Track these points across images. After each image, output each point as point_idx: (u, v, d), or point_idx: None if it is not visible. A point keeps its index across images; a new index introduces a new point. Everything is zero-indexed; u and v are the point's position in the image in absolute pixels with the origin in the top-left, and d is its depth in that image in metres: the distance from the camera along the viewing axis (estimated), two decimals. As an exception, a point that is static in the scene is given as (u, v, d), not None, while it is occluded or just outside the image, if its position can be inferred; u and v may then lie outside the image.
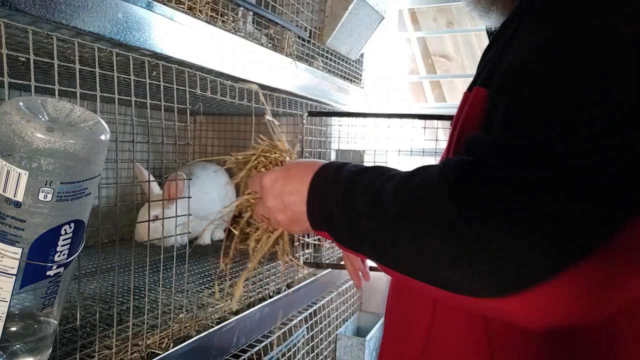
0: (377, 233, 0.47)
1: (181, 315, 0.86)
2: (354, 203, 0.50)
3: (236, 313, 0.99)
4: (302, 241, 1.30)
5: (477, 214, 0.38)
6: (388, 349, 0.64)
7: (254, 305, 1.04)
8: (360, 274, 0.83)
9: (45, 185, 0.49)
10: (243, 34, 0.97)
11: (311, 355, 1.34)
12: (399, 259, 0.46)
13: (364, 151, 1.51)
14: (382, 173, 0.50)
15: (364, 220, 0.48)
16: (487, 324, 0.51)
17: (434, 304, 0.57)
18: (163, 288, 0.94)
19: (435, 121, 1.29)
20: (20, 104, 0.50)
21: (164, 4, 0.75)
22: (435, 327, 0.56)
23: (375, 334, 1.51)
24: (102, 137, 0.53)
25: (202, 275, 1.17)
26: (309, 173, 0.57)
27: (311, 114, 1.36)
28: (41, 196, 0.49)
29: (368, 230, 0.48)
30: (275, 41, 1.12)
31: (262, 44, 1.04)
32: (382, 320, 1.58)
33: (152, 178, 1.19)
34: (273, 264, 1.23)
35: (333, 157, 1.54)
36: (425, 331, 0.57)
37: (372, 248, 0.49)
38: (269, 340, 1.08)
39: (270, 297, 1.11)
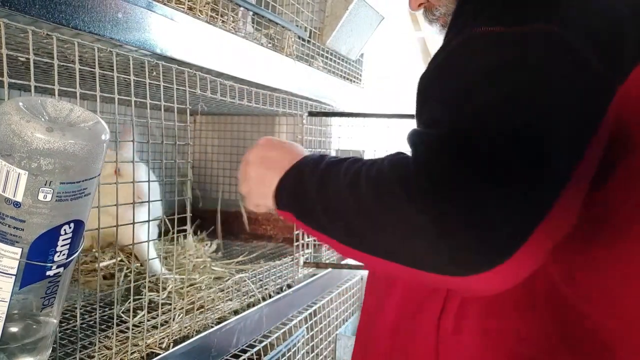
0: (352, 213, 0.51)
1: (181, 315, 0.86)
2: (332, 184, 0.54)
3: (236, 313, 0.99)
4: (302, 241, 1.30)
5: (439, 208, 0.43)
6: (363, 333, 0.68)
7: (254, 305, 1.04)
8: None
9: (45, 185, 0.49)
10: (243, 34, 0.97)
11: (311, 355, 1.34)
12: (377, 240, 0.49)
13: (363, 151, 1.51)
14: (358, 160, 0.54)
15: (341, 199, 0.52)
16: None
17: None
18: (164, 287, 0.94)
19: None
20: (20, 104, 0.49)
21: (164, 4, 0.75)
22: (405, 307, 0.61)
23: (375, 334, 1.51)
24: (102, 137, 0.53)
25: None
26: (289, 156, 0.62)
27: (311, 114, 1.36)
28: (41, 196, 0.49)
29: (343, 209, 0.52)
30: (275, 41, 1.12)
31: (262, 44, 1.04)
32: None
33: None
34: (272, 263, 1.23)
35: (333, 157, 1.54)
36: (395, 312, 0.61)
37: (345, 227, 0.52)
38: (269, 340, 1.08)
39: (270, 297, 1.11)
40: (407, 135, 0.50)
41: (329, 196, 0.54)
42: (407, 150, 0.51)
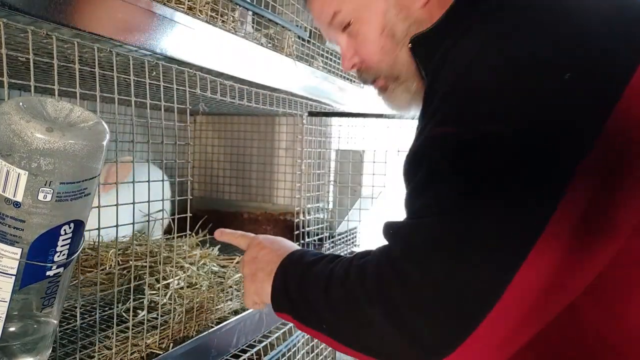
0: (329, 319, 0.57)
1: (181, 315, 0.86)
2: (310, 291, 0.61)
3: (236, 313, 0.99)
4: (301, 242, 1.30)
5: (381, 311, 0.50)
6: None
7: (254, 306, 1.04)
8: None
9: (45, 185, 0.49)
10: (243, 34, 0.97)
11: (311, 355, 1.34)
12: (351, 338, 0.56)
13: (364, 151, 1.51)
14: (332, 260, 0.61)
15: (317, 304, 0.59)
16: None
17: None
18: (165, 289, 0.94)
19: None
20: (20, 104, 0.49)
21: (164, 4, 0.75)
22: None
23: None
24: (102, 137, 0.53)
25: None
26: (275, 257, 0.69)
27: (311, 114, 1.36)
28: (41, 196, 0.49)
29: (321, 314, 0.58)
30: (275, 41, 1.12)
31: (262, 44, 1.04)
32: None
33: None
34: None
35: (333, 157, 1.54)
36: None
37: (328, 329, 0.58)
38: (269, 340, 1.08)
39: (270, 297, 1.10)
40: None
41: (309, 300, 0.60)
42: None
